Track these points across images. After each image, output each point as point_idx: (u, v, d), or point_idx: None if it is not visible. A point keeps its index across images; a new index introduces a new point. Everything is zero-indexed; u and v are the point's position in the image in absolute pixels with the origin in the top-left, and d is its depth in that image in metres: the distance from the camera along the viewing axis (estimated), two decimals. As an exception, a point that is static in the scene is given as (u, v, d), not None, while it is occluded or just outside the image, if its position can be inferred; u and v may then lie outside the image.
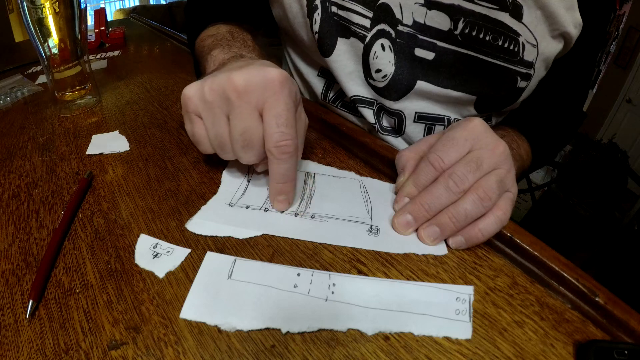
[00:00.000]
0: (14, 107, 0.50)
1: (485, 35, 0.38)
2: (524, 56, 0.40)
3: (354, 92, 0.44)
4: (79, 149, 0.40)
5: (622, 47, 2.54)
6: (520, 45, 0.39)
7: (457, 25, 0.38)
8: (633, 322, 0.24)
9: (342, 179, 0.36)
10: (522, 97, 0.44)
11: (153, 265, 0.27)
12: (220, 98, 0.28)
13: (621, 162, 2.12)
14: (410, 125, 0.44)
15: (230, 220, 0.30)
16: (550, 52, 0.41)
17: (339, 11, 0.41)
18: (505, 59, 0.40)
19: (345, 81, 0.44)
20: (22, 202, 0.33)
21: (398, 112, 0.43)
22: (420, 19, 0.38)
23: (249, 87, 0.27)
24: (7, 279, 0.26)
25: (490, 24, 0.38)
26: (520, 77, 0.41)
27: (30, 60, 0.66)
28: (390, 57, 0.40)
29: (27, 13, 0.41)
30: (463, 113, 0.45)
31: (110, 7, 3.51)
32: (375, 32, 0.40)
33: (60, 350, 0.22)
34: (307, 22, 0.43)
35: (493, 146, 0.30)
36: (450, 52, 0.39)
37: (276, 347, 0.22)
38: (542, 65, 0.42)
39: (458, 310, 0.24)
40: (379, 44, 0.40)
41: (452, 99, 0.42)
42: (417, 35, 0.39)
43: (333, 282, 0.26)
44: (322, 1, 0.42)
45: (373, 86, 0.43)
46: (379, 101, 0.43)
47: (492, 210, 0.28)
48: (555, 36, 0.40)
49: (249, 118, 0.28)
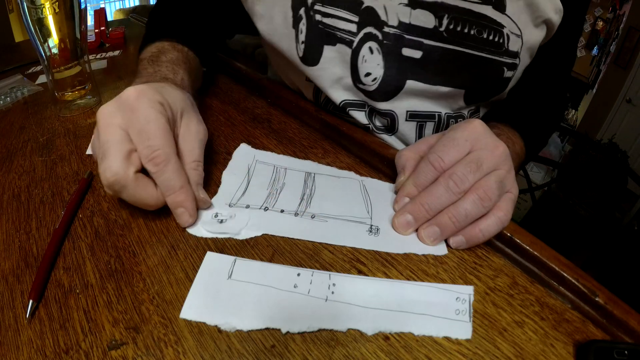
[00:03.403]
0: (14, 107, 0.50)
1: (470, 30, 0.39)
2: (509, 47, 0.41)
3: (342, 97, 0.44)
4: (79, 149, 0.40)
5: (622, 47, 2.54)
6: (504, 36, 0.40)
7: (441, 22, 0.38)
8: (633, 322, 0.24)
9: (342, 179, 0.36)
10: (509, 86, 0.45)
11: (222, 228, 0.29)
12: (95, 128, 0.29)
13: (621, 162, 2.12)
14: (402, 124, 0.44)
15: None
16: (534, 40, 0.42)
17: (323, 19, 0.41)
18: (491, 51, 0.40)
19: (329, 90, 0.44)
20: (22, 202, 0.33)
21: (389, 112, 0.43)
22: (406, 18, 0.39)
23: (107, 113, 0.29)
24: (7, 279, 0.26)
25: (474, 18, 0.39)
26: (507, 67, 0.42)
27: (30, 60, 0.66)
28: (379, 59, 0.40)
29: (27, 13, 0.41)
30: (453, 107, 0.46)
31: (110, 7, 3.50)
32: (362, 35, 0.40)
33: (60, 350, 0.22)
34: (293, 33, 0.43)
35: (493, 147, 0.30)
36: (437, 49, 0.39)
37: (276, 347, 0.22)
38: (526, 54, 0.43)
39: (458, 310, 0.24)
40: (367, 47, 0.41)
41: (442, 94, 0.43)
42: (403, 35, 0.39)
43: (333, 282, 0.26)
44: (305, 10, 0.42)
45: (363, 90, 0.43)
46: (369, 104, 0.44)
47: (493, 211, 0.28)
48: (537, 24, 0.41)
49: (108, 136, 0.28)
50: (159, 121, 0.29)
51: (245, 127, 0.44)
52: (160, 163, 0.28)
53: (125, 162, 0.27)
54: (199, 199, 0.30)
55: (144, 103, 0.29)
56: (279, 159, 0.38)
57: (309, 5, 0.41)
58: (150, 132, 0.28)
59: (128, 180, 0.27)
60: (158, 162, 0.28)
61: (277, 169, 0.36)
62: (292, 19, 0.42)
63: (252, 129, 0.43)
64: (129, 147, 0.28)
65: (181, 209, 0.29)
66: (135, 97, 0.29)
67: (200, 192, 0.30)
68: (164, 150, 0.28)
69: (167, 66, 0.41)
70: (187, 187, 0.29)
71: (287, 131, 0.43)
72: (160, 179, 0.28)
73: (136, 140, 0.28)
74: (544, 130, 0.55)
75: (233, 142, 0.40)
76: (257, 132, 0.43)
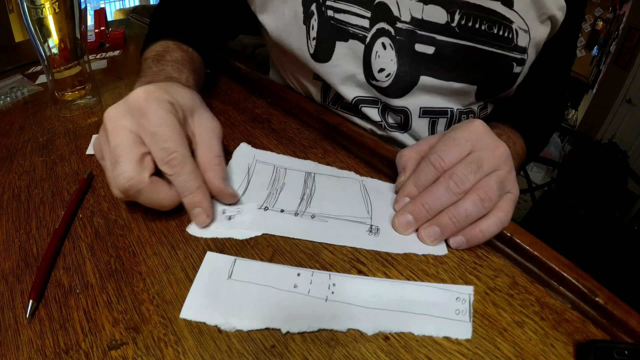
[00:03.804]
0: (14, 107, 0.50)
1: (481, 25, 0.39)
2: (518, 42, 0.41)
3: (354, 94, 0.44)
4: (79, 149, 0.40)
5: (622, 47, 2.54)
6: (513, 32, 0.41)
7: (453, 17, 0.39)
8: (633, 322, 0.24)
9: (342, 178, 0.36)
10: (517, 82, 0.45)
11: (233, 226, 0.29)
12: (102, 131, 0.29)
13: (621, 162, 2.12)
14: (416, 121, 0.44)
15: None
16: (540, 36, 0.43)
17: (335, 15, 0.41)
18: (501, 46, 0.41)
19: (341, 87, 0.44)
20: (22, 202, 0.33)
21: (403, 108, 0.43)
22: (418, 14, 0.39)
23: (116, 116, 0.28)
24: (7, 279, 0.26)
25: (485, 13, 0.39)
26: (516, 62, 0.43)
27: (30, 60, 0.66)
28: (392, 55, 0.40)
29: (27, 13, 0.41)
30: (464, 103, 0.46)
31: (110, 7, 3.50)
32: (375, 31, 0.40)
33: (60, 350, 0.22)
34: (304, 29, 0.43)
35: (494, 147, 0.30)
36: (449, 44, 0.40)
37: (276, 347, 0.22)
38: (533, 49, 0.44)
39: (458, 310, 0.24)
40: (380, 43, 0.41)
41: (455, 90, 0.43)
42: (416, 30, 0.39)
43: (333, 282, 0.26)
44: (317, 6, 0.42)
45: (376, 86, 0.43)
46: (382, 100, 0.44)
47: (493, 211, 0.28)
48: (543, 20, 0.42)
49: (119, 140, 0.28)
50: (171, 122, 0.28)
51: (245, 127, 0.44)
52: (176, 165, 0.28)
53: (139, 167, 0.27)
54: (228, 193, 0.30)
55: (153, 104, 0.28)
56: (279, 159, 0.38)
57: (321, 1, 0.41)
58: (164, 135, 0.27)
59: (143, 185, 0.27)
60: (174, 165, 0.27)
61: (277, 169, 0.36)
62: (302, 15, 0.42)
63: (252, 129, 0.43)
64: (141, 151, 0.28)
65: (198, 209, 0.29)
66: (144, 98, 0.28)
67: (228, 186, 0.30)
68: (180, 152, 0.28)
69: (172, 65, 0.41)
70: (203, 188, 0.29)
71: (287, 131, 0.43)
72: (177, 181, 0.28)
73: (149, 143, 0.28)
74: (545, 129, 0.55)
75: (233, 142, 0.40)
76: (257, 132, 0.43)
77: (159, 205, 0.29)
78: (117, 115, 0.28)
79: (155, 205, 0.29)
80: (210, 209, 0.29)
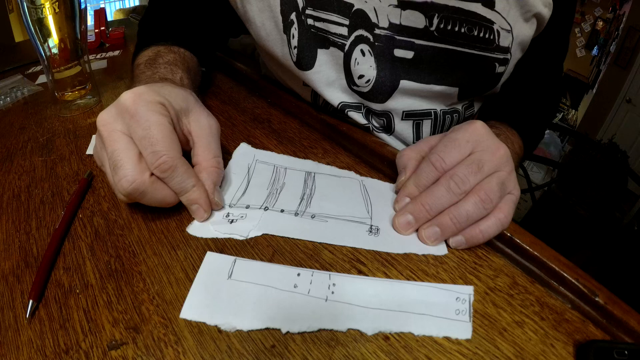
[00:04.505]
0: (14, 107, 0.50)
1: (460, 28, 0.39)
2: (500, 43, 0.41)
3: (339, 99, 0.44)
4: (79, 149, 0.40)
5: (622, 47, 2.54)
6: (495, 32, 0.40)
7: (432, 21, 0.38)
8: (633, 322, 0.24)
9: (342, 178, 0.36)
10: (501, 81, 0.45)
11: (233, 229, 0.29)
12: (97, 137, 0.29)
13: (621, 162, 2.12)
14: (399, 124, 0.44)
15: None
16: (525, 35, 0.42)
17: (315, 23, 0.41)
18: (482, 47, 0.41)
19: (326, 92, 0.44)
20: (22, 202, 0.33)
21: (386, 112, 0.44)
22: (396, 20, 0.39)
23: (108, 120, 0.28)
24: (7, 279, 0.26)
25: (464, 15, 0.39)
26: (498, 62, 0.43)
27: (30, 60, 0.66)
28: (371, 61, 0.40)
29: (27, 13, 0.41)
30: (447, 103, 0.46)
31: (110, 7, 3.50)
32: (353, 38, 0.40)
33: (60, 350, 0.22)
34: (284, 39, 0.43)
35: (494, 149, 0.30)
36: (428, 48, 0.40)
37: (276, 347, 0.22)
38: (518, 48, 0.43)
39: (458, 310, 0.24)
40: (359, 50, 0.41)
41: (436, 93, 0.43)
42: (394, 36, 0.39)
43: (333, 282, 0.26)
44: (297, 15, 0.42)
45: (358, 92, 0.43)
46: (365, 104, 0.44)
47: (494, 212, 0.28)
48: (527, 18, 0.41)
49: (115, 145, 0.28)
50: (160, 124, 0.28)
51: (246, 127, 0.44)
52: (167, 170, 0.28)
53: (139, 168, 0.27)
54: (213, 202, 0.30)
55: (142, 106, 0.28)
56: (279, 159, 0.38)
57: (301, 10, 0.41)
58: (152, 137, 0.27)
59: (146, 185, 0.27)
60: (165, 169, 0.27)
61: (277, 169, 0.36)
62: (282, 25, 0.42)
63: (252, 129, 0.43)
64: (137, 151, 0.28)
65: (196, 206, 0.30)
66: (132, 100, 0.28)
67: (216, 194, 0.30)
68: (169, 154, 0.28)
69: (165, 67, 0.41)
70: (199, 185, 0.29)
71: (287, 131, 0.43)
72: (172, 184, 0.28)
73: (139, 146, 0.28)
74: (541, 124, 0.55)
75: (233, 142, 0.40)
76: (257, 132, 0.43)
77: (165, 203, 0.29)
78: (109, 119, 0.28)
79: (160, 204, 0.29)
80: (208, 204, 0.30)
